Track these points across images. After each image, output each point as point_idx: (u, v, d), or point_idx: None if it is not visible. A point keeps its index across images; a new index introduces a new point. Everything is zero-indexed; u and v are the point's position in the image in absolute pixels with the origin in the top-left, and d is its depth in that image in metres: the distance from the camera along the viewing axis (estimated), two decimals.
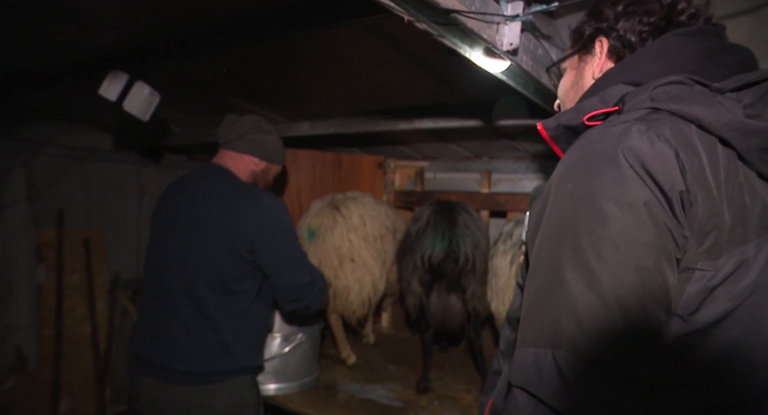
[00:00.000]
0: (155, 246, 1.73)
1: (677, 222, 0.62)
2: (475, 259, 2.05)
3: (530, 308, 0.67)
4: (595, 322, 0.60)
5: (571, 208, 0.65)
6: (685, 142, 0.64)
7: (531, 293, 0.67)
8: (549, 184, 0.71)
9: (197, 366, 1.59)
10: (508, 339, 0.92)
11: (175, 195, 1.76)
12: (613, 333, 0.59)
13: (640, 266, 0.60)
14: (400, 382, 2.23)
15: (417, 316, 2.19)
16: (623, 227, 0.61)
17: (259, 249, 1.61)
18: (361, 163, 3.07)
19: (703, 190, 0.63)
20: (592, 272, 0.61)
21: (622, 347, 0.59)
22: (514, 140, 2.66)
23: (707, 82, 0.69)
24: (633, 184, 0.62)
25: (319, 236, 2.29)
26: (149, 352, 1.64)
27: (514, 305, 0.91)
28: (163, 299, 1.65)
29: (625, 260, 0.60)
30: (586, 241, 0.62)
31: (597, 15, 0.88)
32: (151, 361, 1.62)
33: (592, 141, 0.68)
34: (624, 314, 0.59)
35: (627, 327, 0.59)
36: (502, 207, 2.72)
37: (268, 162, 1.85)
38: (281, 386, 2.01)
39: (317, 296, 1.74)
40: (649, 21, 0.81)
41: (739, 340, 0.64)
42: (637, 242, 0.61)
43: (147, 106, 2.07)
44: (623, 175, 0.62)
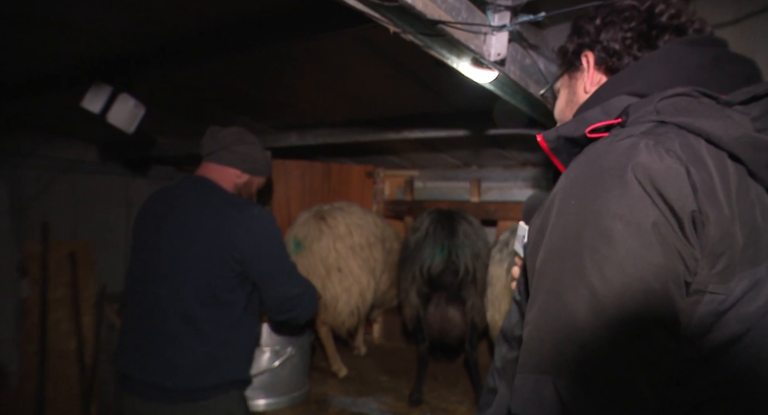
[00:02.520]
0: (140, 257, 1.69)
1: (688, 244, 0.59)
2: (476, 270, 2.03)
3: (531, 331, 0.64)
4: (598, 348, 0.57)
5: (574, 226, 0.62)
6: (695, 158, 0.61)
7: (532, 316, 0.64)
8: (551, 198, 0.69)
9: (184, 381, 1.55)
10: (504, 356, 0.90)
11: (158, 206, 1.73)
12: (617, 360, 0.57)
13: (647, 289, 0.57)
14: (392, 394, 2.20)
15: (414, 327, 2.16)
16: (629, 248, 0.58)
17: (249, 261, 1.58)
18: (350, 173, 3.06)
19: (715, 209, 0.60)
20: (595, 295, 0.58)
21: (627, 374, 0.56)
22: (504, 149, 2.66)
23: (715, 94, 0.67)
24: (641, 204, 0.59)
25: (306, 246, 2.27)
26: (134, 368, 1.60)
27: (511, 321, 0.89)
28: (150, 312, 1.61)
29: (631, 283, 0.57)
30: (590, 261, 0.59)
31: (578, 31, 0.87)
32: (136, 378, 1.58)
33: (597, 155, 0.66)
34: (629, 339, 0.56)
35: (632, 353, 0.57)
36: (492, 216, 2.72)
37: (251, 174, 1.81)
38: (271, 402, 1.98)
39: (307, 307, 1.72)
40: (629, 27, 0.80)
41: (751, 363, 0.61)
42: (644, 264, 0.57)
43: (132, 119, 2.04)
44: (631, 194, 0.59)
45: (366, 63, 1.69)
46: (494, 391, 0.90)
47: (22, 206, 3.28)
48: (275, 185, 2.80)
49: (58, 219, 3.50)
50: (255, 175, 1.84)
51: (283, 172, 2.83)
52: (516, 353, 0.85)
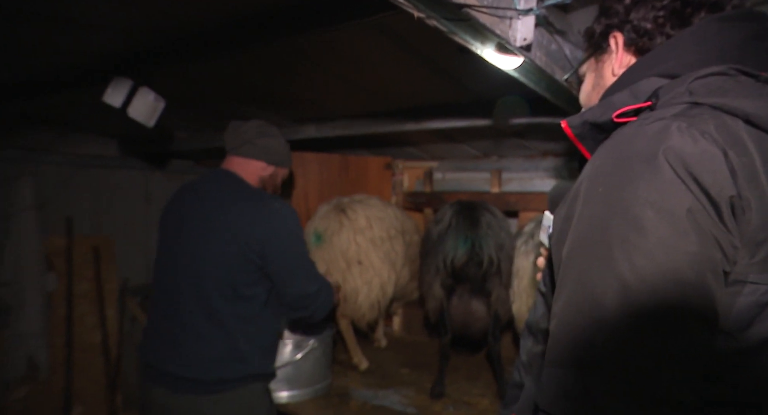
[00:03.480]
0: (165, 252, 1.71)
1: (726, 231, 0.56)
2: (500, 261, 2.00)
3: (558, 324, 0.61)
4: (628, 341, 0.54)
5: (602, 215, 0.59)
6: (732, 140, 0.57)
7: (558, 309, 0.62)
8: (576, 186, 0.66)
9: (208, 373, 1.56)
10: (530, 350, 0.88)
11: (184, 200, 1.73)
12: (649, 354, 0.54)
13: (681, 279, 0.54)
14: (413, 387, 2.19)
15: (436, 320, 2.14)
16: (661, 237, 0.55)
17: (268, 255, 1.58)
18: (368, 165, 3.04)
19: (757, 193, 0.56)
20: (625, 285, 0.55)
21: (661, 370, 0.53)
22: (524, 139, 2.61)
23: (754, 71, 0.63)
24: (674, 189, 0.55)
25: (326, 239, 2.26)
26: (159, 360, 1.62)
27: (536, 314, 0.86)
28: (174, 305, 1.63)
29: (664, 273, 0.54)
30: (619, 251, 0.56)
31: (606, 11, 0.83)
32: (161, 369, 1.60)
33: (626, 140, 0.63)
34: (662, 333, 0.54)
35: (665, 347, 0.54)
36: (513, 207, 2.67)
37: (276, 166, 1.82)
38: (294, 394, 1.98)
39: (322, 306, 1.71)
40: (662, 5, 0.75)
41: None
42: (678, 253, 0.54)
43: (152, 112, 2.05)
44: (662, 179, 0.56)
45: (384, 53, 1.66)
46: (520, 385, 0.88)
47: (46, 202, 3.34)
48: (294, 178, 2.79)
49: (80, 214, 3.55)
50: (279, 167, 1.84)
51: (301, 165, 2.82)
52: (542, 347, 0.83)
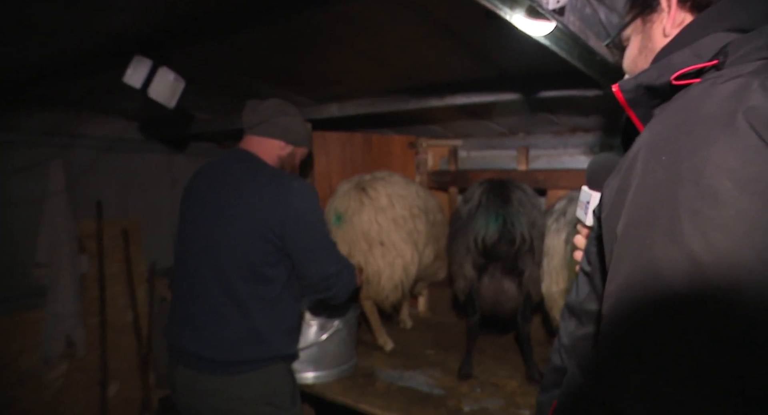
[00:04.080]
0: (185, 233, 1.70)
1: None
2: (533, 238, 1.93)
3: (615, 307, 0.55)
4: (700, 329, 0.48)
5: (666, 185, 0.53)
6: None
7: (616, 289, 0.56)
8: (632, 155, 0.59)
9: (230, 354, 1.57)
10: (573, 333, 0.82)
11: (202, 181, 1.72)
12: (724, 344, 0.47)
13: (765, 258, 0.47)
14: (439, 368, 2.17)
15: (465, 300, 2.10)
16: (741, 209, 0.48)
17: (288, 235, 1.56)
18: (391, 143, 2.98)
19: None
20: (697, 263, 0.48)
21: (738, 363, 0.47)
22: (553, 114, 2.51)
23: None
24: (757, 156, 0.48)
25: (347, 219, 2.22)
26: (182, 341, 1.63)
27: (579, 294, 0.81)
28: (195, 287, 1.63)
29: (743, 251, 0.47)
30: (689, 225, 0.50)
31: None
32: (185, 350, 1.61)
33: (694, 103, 0.56)
34: (741, 320, 0.47)
35: (744, 337, 0.47)
36: (541, 184, 2.59)
37: (294, 145, 1.79)
38: (319, 375, 1.98)
39: (344, 287, 1.69)
40: None
41: None
42: (762, 228, 0.47)
43: (172, 93, 2.03)
44: (743, 144, 0.49)
45: (407, 26, 1.59)
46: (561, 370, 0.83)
47: (75, 185, 3.39)
48: (316, 158, 2.76)
49: (107, 197, 3.61)
50: (298, 147, 1.81)
51: (324, 145, 2.78)
52: (588, 329, 0.78)
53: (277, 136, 1.74)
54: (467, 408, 1.77)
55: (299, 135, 1.80)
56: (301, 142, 1.82)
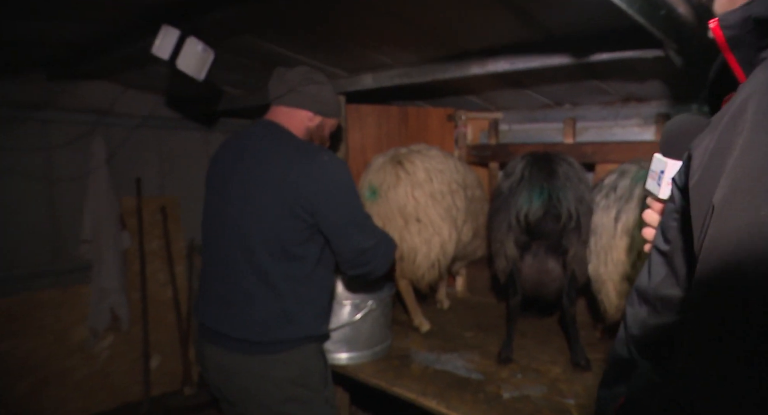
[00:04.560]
0: (211, 211, 1.65)
1: None
2: (579, 215, 1.79)
3: (713, 296, 0.45)
4: None
5: None
6: None
7: (712, 272, 0.45)
8: (735, 110, 0.47)
9: (259, 335, 1.52)
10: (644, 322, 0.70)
11: (227, 156, 1.66)
12: None
13: None
14: (477, 351, 2.07)
15: (506, 280, 1.99)
16: None
17: (319, 211, 1.48)
18: (429, 116, 2.85)
19: None
20: None
21: None
22: (603, 80, 2.31)
23: None
24: None
25: (382, 194, 2.12)
26: (211, 320, 1.59)
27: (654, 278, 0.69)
28: (223, 265, 1.58)
29: None
30: None
31: None
32: (213, 329, 1.58)
33: None
34: None
35: None
36: (589, 158, 2.41)
37: (323, 116, 1.69)
38: (353, 355, 1.93)
39: (381, 261, 1.60)
40: None
41: None
42: None
43: (201, 64, 1.97)
44: None
45: None
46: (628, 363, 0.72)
47: (115, 162, 3.44)
48: (350, 132, 2.66)
49: (146, 174, 3.65)
50: (327, 118, 1.71)
51: (358, 118, 2.69)
52: (665, 319, 0.66)
53: (305, 107, 1.65)
54: (507, 395, 1.68)
55: (329, 105, 1.70)
56: (331, 112, 1.72)
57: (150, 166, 3.70)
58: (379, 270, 1.62)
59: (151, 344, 3.63)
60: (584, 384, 1.75)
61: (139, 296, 3.58)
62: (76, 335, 3.33)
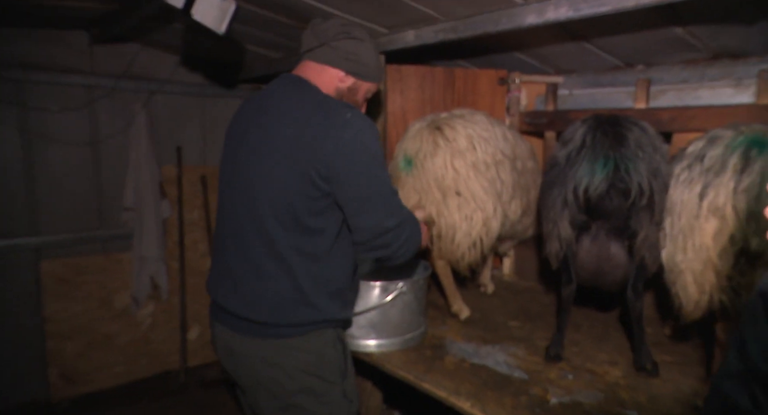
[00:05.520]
0: (225, 174, 1.48)
1: None
2: (653, 192, 1.47)
3: None
4: None
5: None
6: None
7: None
8: None
9: (269, 316, 1.35)
10: None
11: (245, 113, 1.47)
12: None
13: None
14: (523, 344, 1.82)
15: (558, 266, 1.71)
16: None
17: (336, 177, 1.27)
18: (478, 79, 2.55)
19: None
20: None
21: None
22: (688, 28, 1.91)
23: None
24: None
25: (417, 164, 1.86)
26: (221, 297, 1.44)
27: None
28: (232, 235, 1.41)
29: None
30: None
31: None
32: (223, 307, 1.42)
33: None
34: None
35: None
36: (666, 126, 2.05)
37: (358, 77, 1.45)
38: (382, 342, 1.73)
39: (404, 246, 1.38)
40: None
41: None
42: None
43: (221, 15, 1.79)
44: None
45: None
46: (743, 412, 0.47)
47: (157, 130, 3.39)
48: (389, 95, 2.42)
49: (187, 143, 3.59)
50: (363, 80, 1.47)
51: (399, 80, 2.43)
52: None
53: (337, 64, 1.42)
54: (555, 400, 1.43)
55: (366, 66, 1.45)
56: (368, 74, 1.47)
57: (192, 134, 3.64)
58: (401, 256, 1.40)
59: (191, 314, 3.63)
60: (649, 393, 1.48)
61: (178, 266, 3.56)
62: (119, 302, 3.37)
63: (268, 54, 3.06)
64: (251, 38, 2.75)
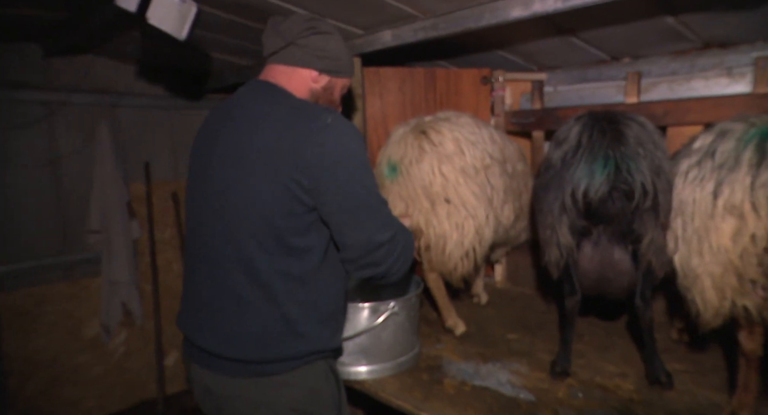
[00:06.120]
0: (193, 193, 1.32)
1: None
2: (657, 192, 1.37)
3: None
4: None
5: None
6: None
7: None
8: None
9: (254, 352, 1.19)
10: None
11: (212, 125, 1.32)
12: None
13: None
14: (525, 359, 1.70)
15: (560, 275, 1.59)
16: None
17: (319, 188, 1.12)
18: (460, 79, 2.43)
19: None
20: None
21: None
22: (679, 17, 1.83)
23: None
24: None
25: (402, 170, 1.72)
26: (194, 333, 1.27)
27: None
28: (207, 261, 1.25)
29: None
30: None
31: None
32: (197, 344, 1.25)
33: None
34: None
35: None
36: (660, 120, 1.96)
37: (332, 75, 1.32)
38: (373, 369, 1.58)
39: (399, 260, 1.24)
40: None
41: None
42: None
43: (181, 20, 1.63)
44: None
45: None
46: None
47: (123, 146, 3.19)
48: (368, 98, 2.29)
49: (156, 158, 3.40)
50: (337, 76, 1.33)
51: (377, 83, 2.30)
52: None
53: (308, 64, 1.28)
54: None
55: (338, 60, 1.32)
56: (342, 69, 1.34)
57: (160, 148, 3.46)
58: (395, 273, 1.26)
59: (167, 338, 3.42)
60: (668, 409, 1.36)
61: (152, 289, 3.36)
62: (88, 331, 3.15)
63: (238, 61, 2.90)
64: (218, 45, 2.59)
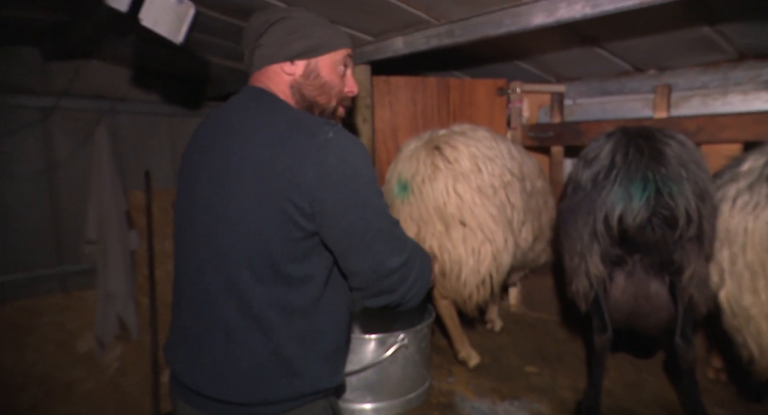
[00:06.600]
0: (180, 216, 1.18)
1: None
2: (702, 219, 1.22)
3: None
4: None
5: None
6: None
7: None
8: None
9: (246, 393, 1.06)
10: None
11: (204, 137, 1.18)
12: None
13: None
14: (546, 397, 1.55)
15: (589, 308, 1.43)
16: None
17: (323, 211, 0.99)
18: (474, 89, 2.29)
19: None
20: None
21: None
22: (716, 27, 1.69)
23: None
24: None
25: (414, 189, 1.58)
26: (183, 368, 1.13)
27: None
28: (196, 291, 1.11)
29: None
30: None
31: None
32: (185, 383, 1.12)
33: None
34: None
35: None
36: (692, 137, 1.80)
37: (307, 57, 1.15)
38: (379, 406, 1.44)
39: (415, 286, 1.10)
40: None
41: None
42: None
43: (177, 22, 1.51)
44: None
45: None
46: None
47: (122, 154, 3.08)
48: (377, 109, 2.15)
49: (157, 166, 3.29)
50: (316, 56, 1.16)
51: (387, 93, 2.17)
52: None
53: (273, 59, 1.12)
54: None
55: (308, 38, 1.14)
56: (319, 44, 1.15)
57: (161, 156, 3.34)
58: (410, 300, 1.12)
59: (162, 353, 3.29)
60: None
61: (149, 302, 3.23)
62: (82, 345, 3.03)
63: (240, 67, 2.79)
64: (220, 50, 2.49)
